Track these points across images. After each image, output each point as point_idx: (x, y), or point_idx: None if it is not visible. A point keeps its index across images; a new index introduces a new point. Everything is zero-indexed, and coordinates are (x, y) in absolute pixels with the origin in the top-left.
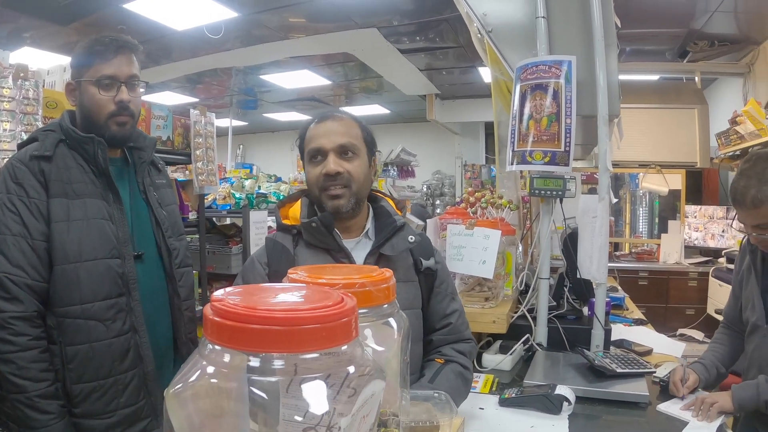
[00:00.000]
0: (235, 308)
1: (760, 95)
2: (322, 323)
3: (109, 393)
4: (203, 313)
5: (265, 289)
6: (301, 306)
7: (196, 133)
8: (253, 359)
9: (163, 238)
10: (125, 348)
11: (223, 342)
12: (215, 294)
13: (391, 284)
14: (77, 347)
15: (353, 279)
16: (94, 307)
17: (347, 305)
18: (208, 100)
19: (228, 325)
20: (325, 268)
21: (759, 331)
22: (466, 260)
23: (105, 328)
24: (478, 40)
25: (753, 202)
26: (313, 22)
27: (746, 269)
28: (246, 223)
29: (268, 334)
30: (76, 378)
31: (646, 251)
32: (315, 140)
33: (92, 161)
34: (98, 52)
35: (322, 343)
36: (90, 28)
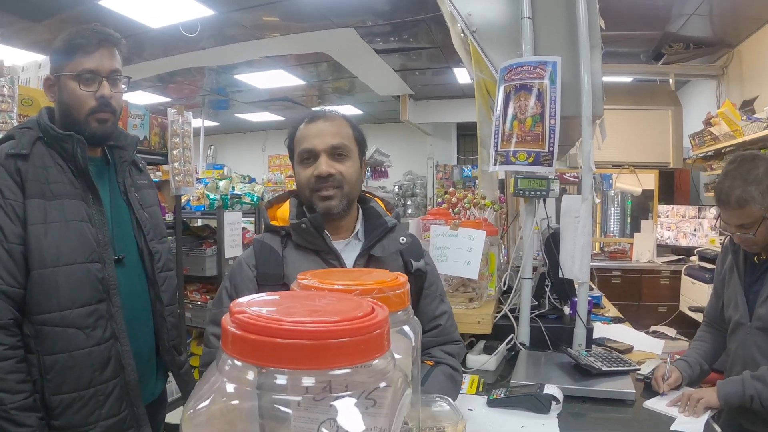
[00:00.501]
0: (261, 320)
1: (734, 97)
2: (356, 336)
3: (90, 404)
4: (222, 325)
5: (289, 298)
6: (333, 318)
7: (173, 132)
8: (280, 376)
9: (144, 241)
10: (106, 356)
11: (246, 357)
12: (235, 304)
13: (405, 289)
14: (56, 356)
15: (370, 285)
16: (73, 314)
17: (379, 316)
18: (180, 99)
19: (252, 339)
20: (335, 272)
21: (742, 328)
22: (451, 261)
23: (85, 336)
24: (461, 40)
25: (738, 202)
26: (290, 22)
27: (728, 268)
28: (220, 224)
29: (297, 349)
30: (54, 389)
31: (619, 250)
32: (306, 141)
33: (71, 160)
34: (79, 46)
35: (355, 357)
36: (63, 25)
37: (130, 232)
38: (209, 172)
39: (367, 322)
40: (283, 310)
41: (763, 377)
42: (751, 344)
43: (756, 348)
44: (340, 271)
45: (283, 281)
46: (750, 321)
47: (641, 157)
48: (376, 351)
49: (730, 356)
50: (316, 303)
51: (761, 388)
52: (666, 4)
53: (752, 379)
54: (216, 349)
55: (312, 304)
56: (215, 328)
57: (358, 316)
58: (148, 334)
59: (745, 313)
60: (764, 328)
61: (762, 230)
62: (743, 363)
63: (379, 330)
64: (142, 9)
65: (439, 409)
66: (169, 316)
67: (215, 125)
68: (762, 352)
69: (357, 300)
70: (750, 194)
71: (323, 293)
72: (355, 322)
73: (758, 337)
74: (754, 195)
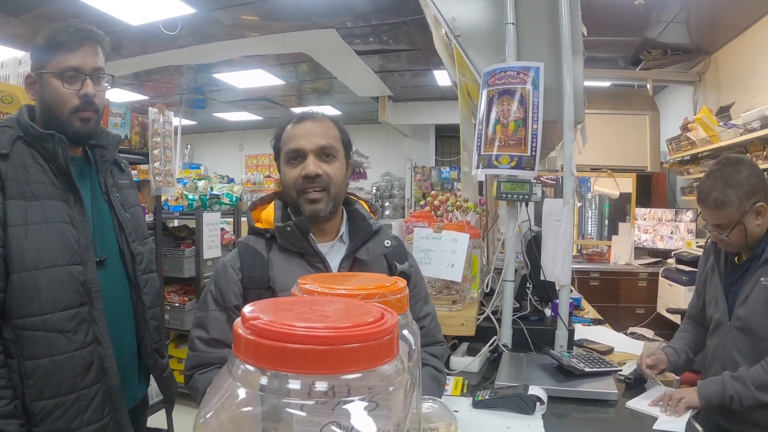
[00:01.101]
0: (275, 326)
1: (710, 103)
2: (368, 341)
3: (72, 410)
4: (233, 330)
5: (299, 304)
6: (345, 323)
7: (154, 132)
8: (293, 381)
9: (126, 243)
10: (88, 361)
11: (260, 362)
12: (246, 310)
13: (405, 294)
14: (37, 361)
15: (372, 289)
16: (55, 317)
17: (389, 321)
18: (157, 98)
19: (267, 344)
20: (335, 277)
21: (721, 328)
22: (434, 263)
23: (66, 341)
24: (444, 43)
25: (715, 203)
26: (271, 21)
27: (710, 269)
28: (199, 225)
29: (311, 354)
30: (36, 394)
31: (597, 252)
32: (294, 141)
33: (52, 160)
34: (62, 43)
35: (367, 362)
36: (42, 20)
37: (112, 233)
38: (187, 172)
39: (378, 327)
40: (295, 315)
41: (742, 378)
42: (729, 343)
43: (735, 347)
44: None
45: (269, 284)
46: (729, 320)
47: (619, 160)
48: (387, 356)
49: (709, 355)
50: (326, 308)
51: (740, 389)
52: (645, 12)
53: (732, 380)
54: (203, 353)
55: (323, 310)
56: (200, 332)
57: (369, 322)
58: (130, 337)
59: (725, 313)
60: (743, 328)
61: (736, 232)
62: (722, 362)
63: (389, 335)
64: (123, 5)
65: (430, 410)
66: (151, 319)
67: (192, 124)
68: (741, 352)
69: (366, 305)
70: (728, 197)
71: (331, 299)
72: (367, 328)
73: (737, 336)
74: (732, 198)
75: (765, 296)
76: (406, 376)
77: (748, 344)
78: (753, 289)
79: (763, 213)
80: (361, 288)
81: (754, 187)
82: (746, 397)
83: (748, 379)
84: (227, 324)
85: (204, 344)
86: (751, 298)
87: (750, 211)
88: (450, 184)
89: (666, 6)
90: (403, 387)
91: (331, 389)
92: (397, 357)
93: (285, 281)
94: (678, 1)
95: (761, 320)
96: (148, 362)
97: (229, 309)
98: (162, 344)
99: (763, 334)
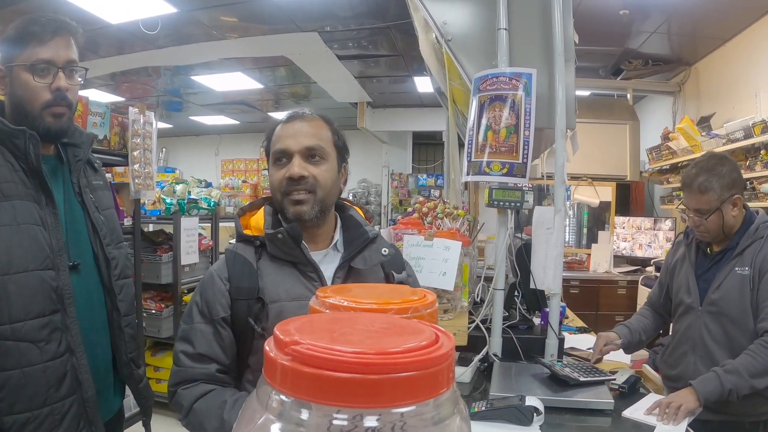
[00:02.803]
0: (318, 351)
1: (690, 113)
2: (424, 369)
3: (46, 424)
4: (264, 353)
5: (339, 323)
6: (396, 348)
7: (134, 133)
8: (339, 416)
9: (100, 246)
10: (62, 372)
11: (301, 394)
12: (280, 332)
13: (436, 308)
14: (7, 373)
15: (403, 304)
16: (26, 326)
17: (445, 345)
18: (133, 99)
19: (309, 373)
20: (354, 289)
21: (692, 312)
22: (426, 272)
23: (38, 351)
24: (432, 48)
25: (699, 187)
26: (254, 23)
27: (680, 258)
28: (177, 230)
29: (361, 384)
30: (6, 409)
31: (577, 261)
32: (281, 141)
33: (22, 158)
34: (33, 34)
35: (423, 393)
36: (18, 16)
37: (86, 236)
38: (163, 176)
39: (436, 352)
40: (339, 337)
41: (736, 369)
42: (701, 327)
43: (706, 330)
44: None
45: (258, 295)
46: (701, 305)
47: (599, 169)
48: (444, 385)
49: (677, 337)
50: (371, 328)
51: (737, 380)
52: (627, 22)
53: (726, 374)
54: (188, 368)
55: (367, 329)
56: (185, 346)
57: (424, 346)
58: (104, 346)
59: (697, 298)
60: (715, 312)
61: (714, 219)
62: (692, 344)
63: (447, 361)
64: (102, 3)
65: None
66: (126, 327)
67: (168, 127)
68: (711, 335)
69: (414, 324)
70: (711, 184)
71: (372, 316)
72: (424, 353)
73: (709, 320)
74: (714, 186)
75: (738, 283)
76: (462, 408)
77: (719, 328)
78: (727, 277)
79: (739, 205)
80: (391, 302)
81: (734, 181)
82: (743, 387)
83: (742, 369)
84: (214, 338)
85: (189, 359)
86: (724, 284)
87: (728, 201)
88: (427, 191)
89: (649, 17)
90: (460, 419)
91: (381, 425)
92: (453, 386)
93: (276, 292)
94: (661, 12)
95: (734, 305)
96: (123, 372)
97: (216, 321)
98: (138, 353)
99: (734, 318)
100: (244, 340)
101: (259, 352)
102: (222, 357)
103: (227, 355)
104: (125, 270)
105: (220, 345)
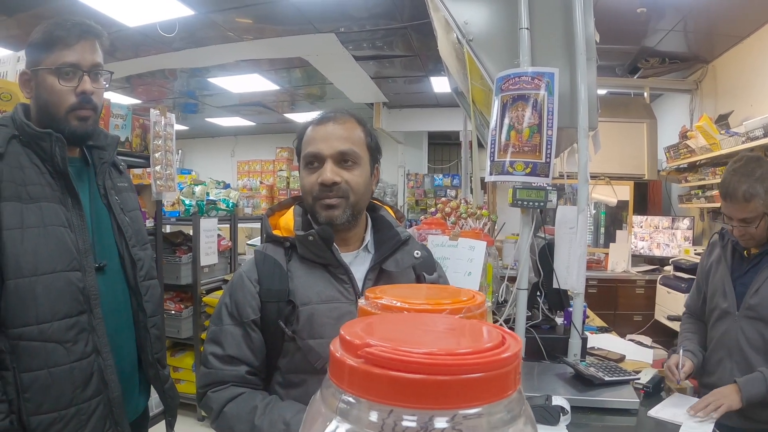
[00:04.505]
0: (389, 352)
1: (708, 111)
2: (493, 370)
3: (72, 424)
4: (330, 354)
5: (401, 324)
6: (466, 349)
7: (156, 135)
8: (408, 418)
9: (126, 248)
10: (88, 373)
11: (371, 395)
12: (346, 333)
13: (485, 309)
14: (34, 373)
15: (457, 304)
16: (53, 327)
17: (513, 347)
18: (149, 102)
19: (381, 375)
20: (404, 289)
21: (728, 317)
22: (451, 272)
23: (65, 351)
24: (452, 47)
25: (744, 196)
26: (271, 25)
27: (716, 261)
28: (196, 231)
29: (432, 386)
30: (33, 408)
31: (595, 260)
32: (313, 144)
33: (49, 160)
34: (59, 38)
35: (493, 394)
36: (36, 20)
37: (111, 237)
38: (181, 177)
39: (504, 353)
40: (407, 338)
41: None
42: (737, 332)
43: (743, 336)
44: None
45: (288, 297)
46: (738, 310)
47: (617, 168)
48: (512, 386)
49: (713, 343)
50: (436, 329)
51: None
52: (644, 20)
53: None
54: (217, 370)
55: (433, 330)
56: (215, 347)
57: (492, 347)
58: (130, 347)
59: (733, 302)
60: (754, 317)
61: (763, 224)
62: (728, 350)
63: (516, 362)
64: (121, 6)
65: None
66: (152, 328)
67: (184, 129)
68: (748, 341)
69: (478, 326)
70: (756, 190)
71: (434, 317)
72: (493, 354)
73: (746, 325)
74: (760, 191)
75: None
76: (528, 409)
77: (756, 333)
78: (766, 280)
79: None
80: (443, 303)
81: None
82: None
83: None
84: (243, 340)
85: (218, 361)
86: (763, 288)
87: None
88: (443, 192)
89: (666, 15)
90: (526, 420)
91: (451, 426)
92: (519, 387)
93: (307, 294)
94: (678, 10)
95: None
96: (149, 373)
97: (246, 324)
98: (163, 354)
99: None
100: (273, 342)
101: (288, 354)
102: (252, 359)
103: (257, 357)
104: (151, 271)
105: (250, 347)
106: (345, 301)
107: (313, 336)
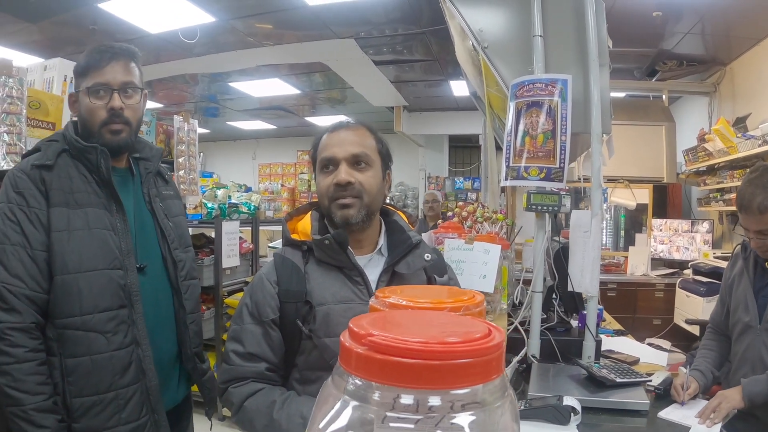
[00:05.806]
0: (390, 341)
1: (726, 114)
2: (479, 357)
3: (110, 408)
4: (341, 343)
5: (403, 318)
6: (454, 339)
7: (179, 140)
8: (405, 396)
9: (168, 250)
10: (127, 361)
11: (374, 377)
12: (354, 326)
13: (483, 307)
14: (78, 359)
15: (456, 303)
16: (94, 318)
17: (497, 338)
18: (170, 106)
19: (381, 360)
20: (411, 289)
21: (751, 331)
22: (467, 275)
23: (106, 341)
24: (468, 54)
25: (759, 208)
26: (291, 30)
27: (738, 273)
28: (218, 234)
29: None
30: (76, 391)
31: (614, 263)
32: (327, 149)
33: (95, 171)
34: (93, 62)
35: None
36: (60, 27)
37: (154, 241)
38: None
39: (489, 343)
40: (406, 330)
41: None
42: (760, 345)
43: (765, 349)
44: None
45: (306, 298)
46: (760, 323)
47: (635, 171)
48: (496, 371)
49: (737, 359)
50: (432, 323)
51: None
52: (661, 23)
53: None
54: (238, 366)
55: (429, 324)
56: (236, 345)
57: (479, 337)
58: (170, 341)
59: (755, 316)
60: None
61: None
62: (751, 365)
63: (498, 351)
64: (143, 13)
65: None
66: (191, 324)
67: (205, 132)
68: None
69: (469, 321)
70: None
71: (431, 313)
72: (479, 343)
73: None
74: None
75: None
76: (511, 392)
77: None
78: None
79: None
80: (444, 302)
81: None
82: None
83: None
84: (263, 338)
85: (239, 358)
86: None
87: None
88: (464, 195)
89: (682, 17)
90: (509, 403)
91: (442, 404)
92: (503, 373)
93: (323, 295)
94: (694, 12)
95: None
96: (188, 366)
97: (265, 323)
98: (201, 349)
99: None
100: (291, 340)
101: (306, 351)
102: (271, 356)
103: (276, 355)
104: (191, 272)
105: (269, 345)
106: (359, 301)
107: (328, 334)
